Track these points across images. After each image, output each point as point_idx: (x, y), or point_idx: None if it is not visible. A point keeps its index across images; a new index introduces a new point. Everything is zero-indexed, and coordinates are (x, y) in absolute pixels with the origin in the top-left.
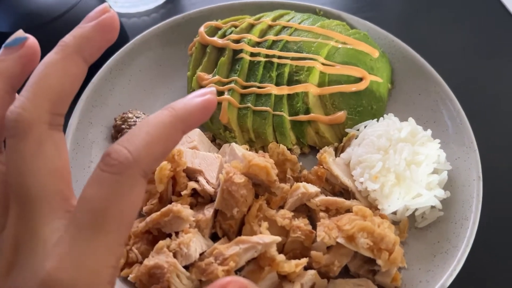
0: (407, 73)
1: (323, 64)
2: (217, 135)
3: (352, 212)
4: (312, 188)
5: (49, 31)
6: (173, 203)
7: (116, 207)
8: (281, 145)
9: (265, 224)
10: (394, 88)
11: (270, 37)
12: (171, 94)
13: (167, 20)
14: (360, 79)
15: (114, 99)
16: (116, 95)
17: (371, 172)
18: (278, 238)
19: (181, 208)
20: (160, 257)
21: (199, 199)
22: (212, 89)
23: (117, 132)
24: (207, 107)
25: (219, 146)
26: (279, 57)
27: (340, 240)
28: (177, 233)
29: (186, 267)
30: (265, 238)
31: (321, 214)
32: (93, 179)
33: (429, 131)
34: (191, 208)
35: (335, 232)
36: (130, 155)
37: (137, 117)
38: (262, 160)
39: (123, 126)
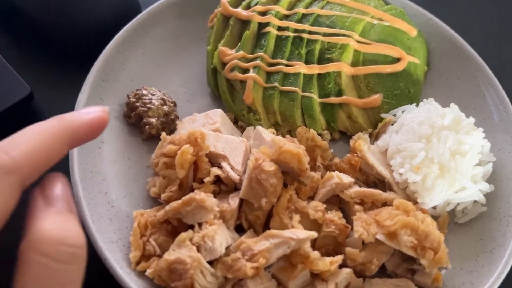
0: (445, 55)
1: (357, 41)
2: (240, 116)
3: (389, 205)
4: (346, 178)
5: None
6: (195, 191)
7: None
8: (311, 129)
9: (297, 217)
10: (430, 70)
11: (300, 9)
12: (188, 69)
13: None
14: (397, 60)
15: (127, 74)
16: (128, 69)
17: (412, 162)
18: (314, 234)
19: (205, 197)
20: (182, 251)
21: (222, 187)
22: (105, 107)
23: (130, 110)
24: (98, 125)
25: (241, 129)
26: (310, 32)
27: (380, 236)
28: (200, 224)
29: (210, 263)
30: (299, 233)
31: (356, 207)
32: None
33: (472, 119)
34: (214, 196)
35: (374, 227)
36: (10, 159)
37: (152, 95)
38: (294, 147)
39: (137, 104)
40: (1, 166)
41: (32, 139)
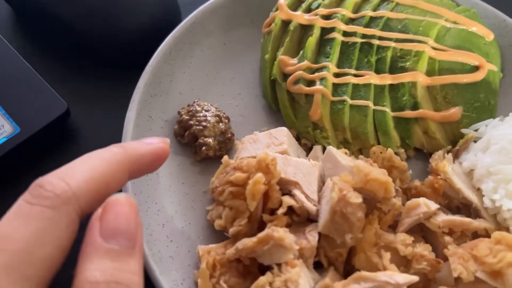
0: None
1: (433, 48)
2: (303, 133)
3: (480, 234)
4: (433, 205)
5: (90, 2)
6: (270, 226)
7: (44, 250)
8: (388, 149)
9: (387, 255)
10: (504, 77)
11: (368, 12)
12: (239, 80)
13: None
14: (475, 68)
15: (175, 87)
16: (176, 81)
17: (508, 187)
18: (415, 278)
19: (284, 234)
20: None
21: (293, 217)
22: (166, 139)
23: (183, 129)
24: (159, 156)
25: (305, 147)
26: (380, 38)
27: (481, 275)
28: (279, 265)
29: None
30: (396, 276)
31: (447, 238)
32: (16, 214)
33: None
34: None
35: (472, 264)
36: (69, 188)
37: (206, 111)
38: (381, 174)
39: (191, 122)
40: (58, 196)
41: (92, 167)
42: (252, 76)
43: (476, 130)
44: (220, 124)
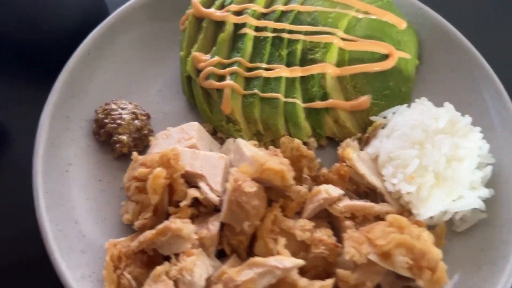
0: (437, 47)
1: (342, 39)
2: (219, 127)
3: (382, 218)
4: (335, 191)
5: (15, 6)
6: (171, 218)
7: None
8: (295, 139)
9: (282, 241)
10: (422, 64)
11: (278, 7)
12: (162, 77)
13: None
14: (385, 56)
15: (95, 87)
16: (97, 81)
17: (405, 171)
18: (301, 262)
19: (181, 225)
20: (158, 287)
21: (201, 209)
22: None
23: (98, 127)
24: None
25: (220, 141)
26: (290, 32)
27: (373, 257)
28: (177, 255)
29: None
30: (285, 261)
31: (347, 223)
32: None
33: (468, 118)
34: (192, 220)
35: (366, 247)
36: None
37: (122, 109)
38: (276, 163)
39: (106, 120)
40: None
41: None
42: (174, 73)
43: (385, 118)
44: (136, 121)
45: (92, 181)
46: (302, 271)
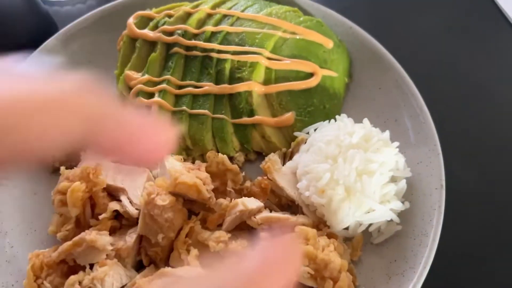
0: (367, 65)
1: (268, 58)
2: None
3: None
4: (253, 204)
5: None
6: (87, 230)
7: None
8: (220, 154)
9: (194, 252)
10: (352, 81)
11: (208, 28)
12: None
13: (96, 9)
14: (311, 75)
15: None
16: None
17: (317, 184)
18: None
19: (96, 237)
20: None
21: (123, 222)
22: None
23: None
24: None
25: None
26: (219, 51)
27: None
28: (92, 265)
29: None
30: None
31: (262, 234)
32: None
33: (387, 133)
34: (114, 232)
35: None
36: None
37: None
38: (190, 177)
39: None
40: None
41: None
42: (114, 91)
43: (307, 133)
44: None
45: (27, 194)
46: None
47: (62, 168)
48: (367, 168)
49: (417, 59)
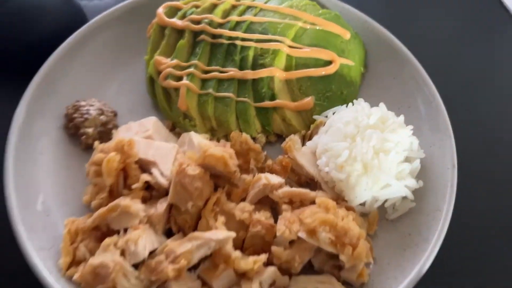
0: (382, 56)
1: (290, 46)
2: (177, 123)
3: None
4: (276, 179)
5: None
6: (121, 197)
7: None
8: (244, 133)
9: (221, 219)
10: (368, 71)
11: (233, 17)
12: (130, 79)
13: (124, 2)
14: (329, 62)
15: (69, 86)
16: (71, 81)
17: (336, 161)
18: (233, 234)
19: (130, 203)
20: (106, 255)
21: (153, 193)
22: None
23: (68, 121)
24: None
25: (178, 135)
26: (243, 39)
27: (301, 234)
28: (126, 230)
29: (136, 266)
30: (218, 234)
31: (284, 206)
32: None
33: (401, 117)
34: (145, 202)
35: (296, 225)
36: None
37: (90, 105)
38: (219, 150)
39: (75, 115)
40: None
41: None
42: (141, 76)
43: (326, 117)
44: (102, 116)
45: (60, 169)
46: (242, 249)
47: (96, 142)
48: (383, 147)
49: (428, 53)
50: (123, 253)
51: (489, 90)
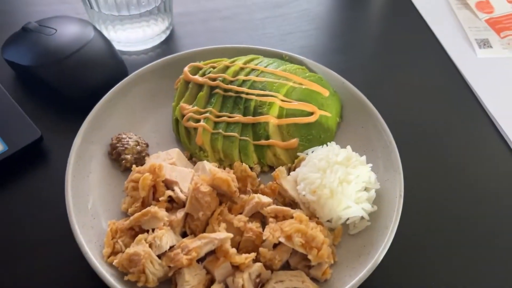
0: (354, 109)
1: (282, 100)
2: (194, 154)
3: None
4: (266, 199)
5: (64, 66)
6: (151, 206)
7: None
8: (244, 164)
9: (223, 225)
10: (343, 121)
11: (241, 77)
12: (160, 120)
13: (160, 59)
14: (311, 113)
15: (112, 123)
16: (114, 119)
17: (311, 187)
18: (230, 235)
19: (158, 210)
20: (138, 247)
21: (174, 205)
22: None
23: (112, 149)
24: None
25: (194, 163)
26: (247, 94)
27: (281, 239)
28: (153, 230)
29: (159, 256)
30: (220, 235)
31: (270, 219)
32: None
33: (364, 157)
34: (167, 211)
35: (278, 233)
36: None
37: (129, 138)
38: (224, 174)
39: (117, 145)
40: None
41: None
42: (169, 118)
43: (307, 154)
44: (138, 146)
45: (104, 185)
46: (238, 249)
47: (134, 166)
48: (346, 178)
49: (394, 108)
50: (150, 246)
51: (435, 137)
